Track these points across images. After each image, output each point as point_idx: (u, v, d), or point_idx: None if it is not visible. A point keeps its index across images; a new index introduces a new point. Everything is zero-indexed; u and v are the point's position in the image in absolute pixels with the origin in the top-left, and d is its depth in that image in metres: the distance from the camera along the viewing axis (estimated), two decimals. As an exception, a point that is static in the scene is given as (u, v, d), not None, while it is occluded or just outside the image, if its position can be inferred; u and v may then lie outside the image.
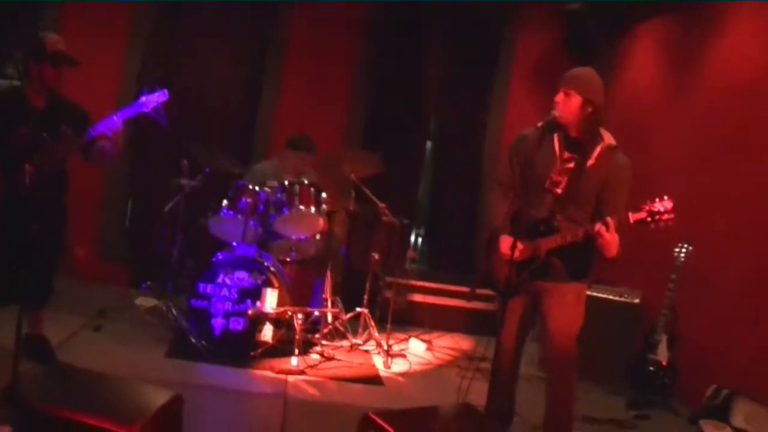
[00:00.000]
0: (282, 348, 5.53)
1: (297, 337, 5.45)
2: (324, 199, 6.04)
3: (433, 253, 8.70)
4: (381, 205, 6.37)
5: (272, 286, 5.52)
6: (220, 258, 5.71)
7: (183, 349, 5.36)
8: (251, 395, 4.85)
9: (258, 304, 5.47)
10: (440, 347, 6.78)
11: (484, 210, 7.85)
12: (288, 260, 6.12)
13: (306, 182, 5.98)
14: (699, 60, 6.34)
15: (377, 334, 6.24)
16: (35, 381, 3.17)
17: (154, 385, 3.27)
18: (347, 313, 6.38)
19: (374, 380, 5.52)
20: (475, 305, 7.27)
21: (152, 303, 6.19)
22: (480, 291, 5.46)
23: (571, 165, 4.04)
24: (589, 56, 7.44)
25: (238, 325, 5.47)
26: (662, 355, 5.48)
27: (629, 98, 7.38)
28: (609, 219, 3.74)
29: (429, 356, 6.45)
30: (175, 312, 5.77)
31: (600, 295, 6.09)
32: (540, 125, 4.05)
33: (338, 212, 6.46)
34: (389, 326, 6.23)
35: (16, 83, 4.47)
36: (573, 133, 4.07)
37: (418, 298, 7.46)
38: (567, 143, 4.09)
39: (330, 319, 6.22)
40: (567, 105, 4.00)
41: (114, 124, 4.35)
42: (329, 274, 6.24)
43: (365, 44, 8.06)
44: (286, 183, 5.93)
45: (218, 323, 5.44)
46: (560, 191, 4.04)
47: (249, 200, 5.81)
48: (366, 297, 6.40)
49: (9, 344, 3.17)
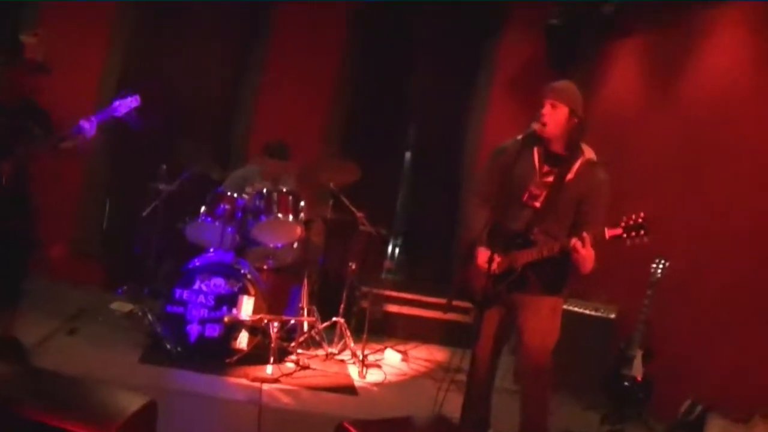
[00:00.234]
0: (257, 356, 5.52)
1: (272, 345, 5.43)
2: (302, 207, 6.07)
3: (410, 264, 8.70)
4: (359, 214, 6.37)
5: (249, 294, 5.53)
6: (197, 264, 5.70)
7: (158, 355, 5.35)
8: (226, 402, 4.84)
9: (234, 312, 5.49)
10: (416, 358, 6.80)
11: (462, 221, 7.89)
12: (265, 268, 6.10)
13: (285, 190, 6.00)
14: (677, 75, 6.40)
15: (353, 344, 6.25)
16: (7, 383, 3.14)
17: (128, 390, 3.25)
18: (323, 322, 6.38)
19: (349, 390, 5.52)
20: (452, 317, 7.26)
21: (128, 308, 6.19)
22: (456, 303, 5.46)
23: (551, 179, 4.05)
24: (570, 69, 7.50)
25: (214, 332, 5.48)
26: (637, 370, 5.45)
27: (608, 112, 7.42)
28: (585, 234, 3.74)
29: (404, 367, 6.46)
30: (151, 317, 5.78)
31: (576, 310, 6.12)
32: (520, 138, 4.06)
33: (316, 221, 6.49)
34: (365, 336, 6.25)
35: None
36: (555, 147, 4.09)
37: (394, 309, 7.45)
38: (547, 157, 4.11)
39: (306, 328, 6.21)
40: (554, 117, 4.01)
41: (87, 129, 4.44)
42: (306, 283, 6.23)
43: (346, 53, 8.10)
44: (265, 190, 5.95)
45: (194, 329, 5.45)
46: (539, 205, 4.05)
47: (227, 207, 5.84)
48: (342, 306, 6.39)
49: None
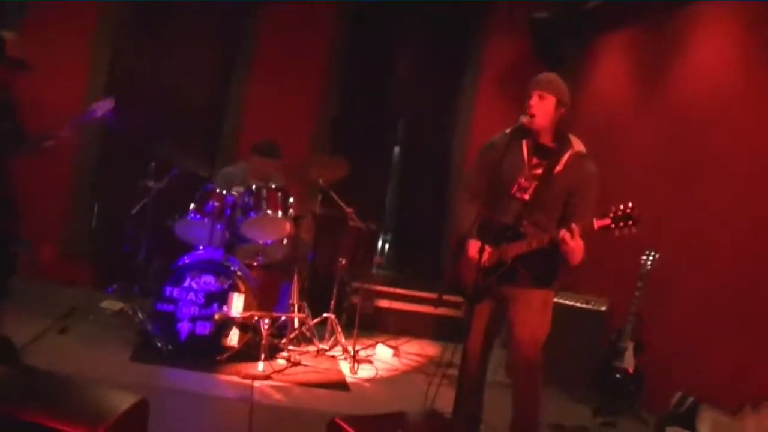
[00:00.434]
0: (248, 353, 5.55)
1: (263, 342, 5.45)
2: (291, 204, 6.09)
3: (400, 259, 8.73)
4: (348, 210, 6.41)
5: (239, 291, 5.56)
6: (187, 261, 5.73)
7: (148, 353, 5.37)
8: (217, 400, 4.86)
9: (224, 309, 5.51)
10: (407, 353, 6.84)
11: (452, 215, 7.91)
12: (255, 264, 6.10)
13: (274, 186, 6.01)
14: (665, 71, 6.44)
15: (344, 340, 6.29)
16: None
17: (119, 389, 3.26)
18: (314, 318, 6.42)
19: (340, 386, 5.55)
20: (442, 311, 7.27)
21: (118, 306, 6.19)
22: (447, 297, 5.48)
23: (539, 171, 4.07)
24: (557, 64, 7.53)
25: (205, 330, 5.50)
26: (629, 363, 5.51)
27: (596, 107, 7.49)
28: (574, 225, 3.74)
29: (396, 362, 6.51)
30: (141, 315, 5.79)
31: (567, 302, 6.17)
32: (508, 131, 4.10)
33: (305, 217, 6.50)
34: (356, 332, 6.27)
35: None
36: (543, 139, 4.11)
37: (385, 304, 7.47)
38: (536, 149, 4.12)
39: (297, 324, 6.23)
40: (542, 107, 4.04)
41: (65, 132, 4.65)
42: (296, 279, 6.24)
43: (334, 49, 8.11)
44: (254, 187, 5.96)
45: (184, 327, 5.47)
46: (528, 197, 4.05)
47: (216, 204, 5.85)
48: (333, 302, 6.43)
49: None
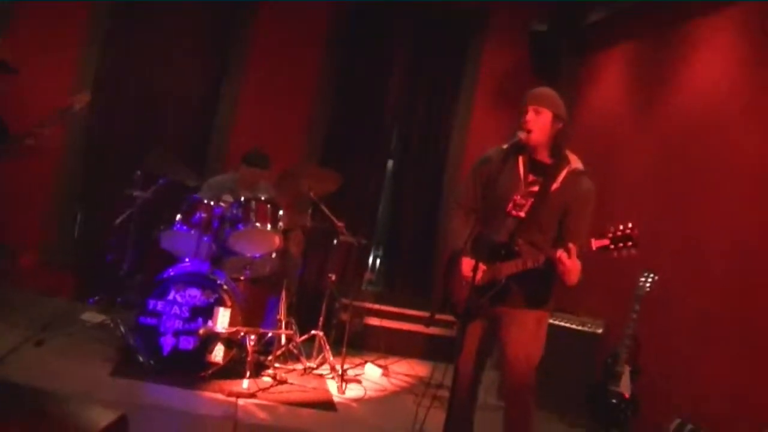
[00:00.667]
0: (233, 369, 5.53)
1: (249, 359, 5.44)
2: (281, 217, 6.08)
3: (391, 275, 8.70)
4: (339, 224, 6.37)
5: (225, 305, 5.53)
6: (172, 274, 5.70)
7: (130, 368, 5.34)
8: (200, 417, 4.84)
9: (209, 323, 5.47)
10: (397, 373, 6.83)
11: (445, 231, 7.87)
12: (242, 278, 6.07)
13: (263, 198, 6.02)
14: (664, 85, 6.48)
15: (332, 358, 6.27)
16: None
17: (99, 405, 3.20)
18: (301, 335, 6.40)
19: (327, 405, 5.53)
20: (434, 331, 7.27)
21: (99, 318, 6.14)
22: (439, 316, 5.44)
23: (536, 188, 4.08)
24: (554, 77, 7.55)
25: (188, 345, 5.47)
26: (624, 387, 5.47)
27: (594, 121, 7.54)
28: (571, 245, 3.75)
29: (385, 382, 6.49)
30: (123, 329, 5.76)
31: (562, 324, 6.19)
32: (505, 147, 4.10)
33: (295, 230, 6.50)
34: (344, 350, 6.23)
35: None
36: (540, 155, 4.13)
37: (375, 322, 7.44)
38: (532, 166, 4.14)
39: (283, 341, 6.22)
40: (538, 122, 4.04)
41: (46, 130, 4.74)
42: (284, 294, 6.23)
43: (328, 59, 8.12)
44: (243, 199, 5.97)
45: (167, 342, 5.43)
46: (523, 215, 4.06)
47: (203, 215, 5.83)
48: (321, 319, 6.39)
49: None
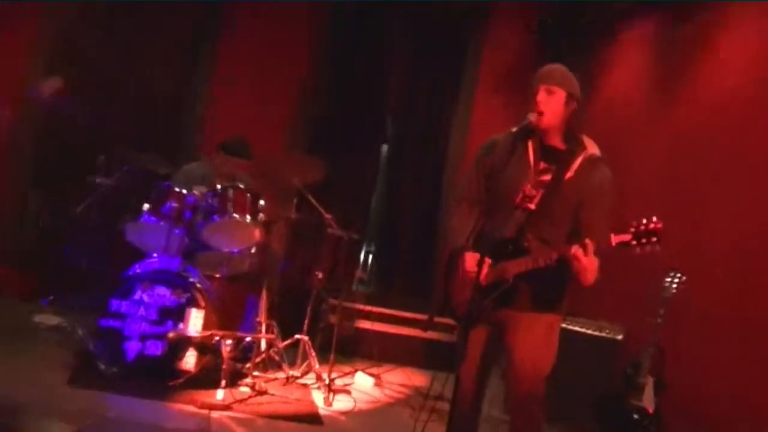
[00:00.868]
0: (206, 378, 5.47)
1: (224, 366, 5.38)
2: (262, 207, 6.06)
3: (386, 274, 8.71)
4: (327, 216, 6.36)
5: (198, 306, 5.49)
6: (138, 271, 5.64)
7: (89, 376, 5.28)
8: (168, 432, 4.79)
9: (180, 326, 5.44)
10: (390, 383, 6.81)
11: (445, 225, 7.86)
12: (217, 276, 6.05)
13: (242, 187, 5.97)
14: (686, 72, 6.47)
15: (318, 366, 6.22)
16: None
17: (53, 418, 3.21)
18: (284, 340, 6.35)
19: (312, 419, 5.50)
20: (432, 335, 7.27)
21: (55, 320, 6.12)
22: (438, 319, 5.44)
23: (547, 177, 4.01)
24: (564, 60, 7.52)
25: (156, 350, 5.41)
26: (648, 401, 5.38)
27: (608, 110, 7.54)
28: (588, 241, 3.67)
29: (377, 393, 6.47)
30: (82, 332, 5.70)
31: (577, 329, 6.12)
32: (514, 130, 4.02)
33: (278, 223, 6.50)
34: (332, 357, 6.21)
35: None
36: (552, 140, 4.06)
37: (367, 325, 7.42)
38: (543, 152, 4.05)
39: (264, 347, 6.19)
40: (551, 103, 3.97)
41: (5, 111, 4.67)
42: (265, 294, 6.20)
43: (316, 33, 8.07)
44: (219, 187, 5.93)
45: (132, 347, 5.38)
46: (533, 207, 3.99)
47: (175, 204, 5.81)
48: (306, 322, 6.37)
49: None
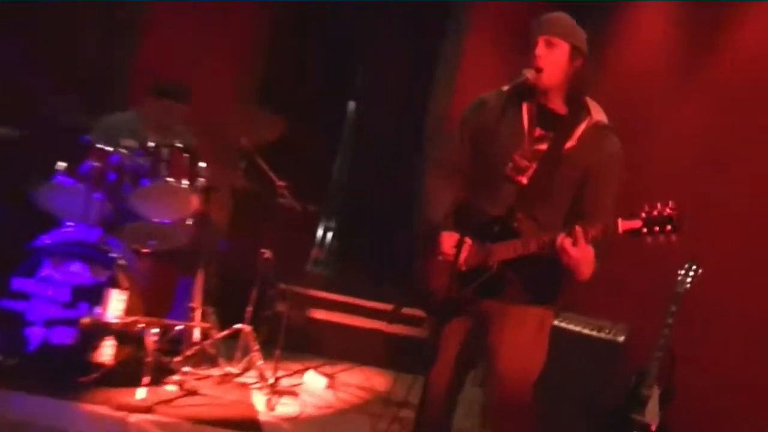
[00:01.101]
0: (126, 374, 5.36)
1: (148, 360, 5.29)
2: (202, 171, 5.98)
3: (347, 254, 8.70)
4: (279, 184, 6.32)
5: (119, 287, 5.41)
6: (48, 242, 5.51)
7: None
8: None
9: (97, 311, 5.33)
10: (347, 385, 6.86)
11: (420, 199, 7.81)
12: (145, 251, 5.97)
13: (178, 145, 5.84)
14: (719, 41, 6.52)
15: (261, 363, 6.18)
16: None
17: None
18: (222, 331, 6.30)
19: (250, 426, 5.45)
20: (398, 330, 7.27)
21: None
22: (406, 310, 5.39)
23: (544, 146, 3.98)
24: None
25: (66, 338, 5.30)
26: (651, 415, 5.37)
27: (626, 78, 7.59)
28: (577, 227, 3.60)
29: (330, 397, 6.49)
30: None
31: (571, 328, 6.15)
32: (506, 89, 3.98)
33: (220, 190, 6.37)
34: (278, 352, 6.18)
35: None
36: (552, 102, 4.00)
37: (322, 315, 7.50)
38: (540, 116, 4.00)
39: (197, 337, 6.12)
40: (551, 58, 3.92)
41: None
42: (201, 275, 6.15)
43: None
44: (150, 144, 5.76)
45: (36, 334, 5.28)
46: (526, 181, 3.96)
47: (95, 164, 5.63)
48: (249, 310, 6.29)
49: None
